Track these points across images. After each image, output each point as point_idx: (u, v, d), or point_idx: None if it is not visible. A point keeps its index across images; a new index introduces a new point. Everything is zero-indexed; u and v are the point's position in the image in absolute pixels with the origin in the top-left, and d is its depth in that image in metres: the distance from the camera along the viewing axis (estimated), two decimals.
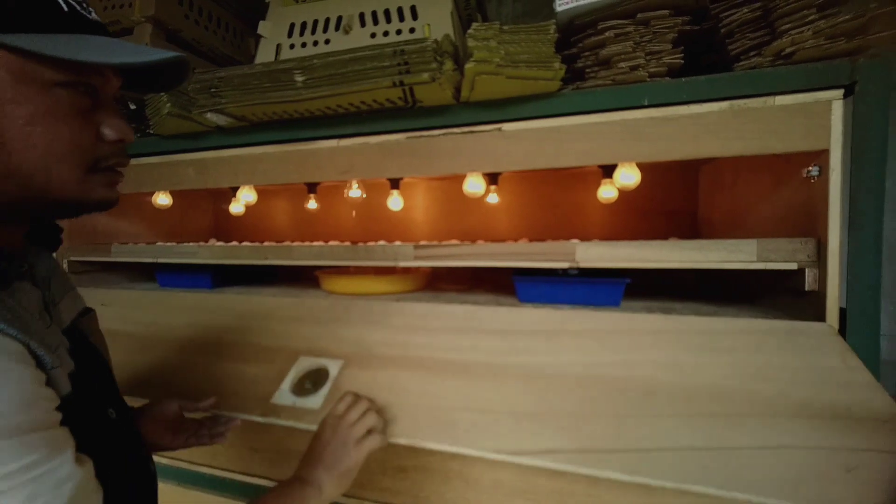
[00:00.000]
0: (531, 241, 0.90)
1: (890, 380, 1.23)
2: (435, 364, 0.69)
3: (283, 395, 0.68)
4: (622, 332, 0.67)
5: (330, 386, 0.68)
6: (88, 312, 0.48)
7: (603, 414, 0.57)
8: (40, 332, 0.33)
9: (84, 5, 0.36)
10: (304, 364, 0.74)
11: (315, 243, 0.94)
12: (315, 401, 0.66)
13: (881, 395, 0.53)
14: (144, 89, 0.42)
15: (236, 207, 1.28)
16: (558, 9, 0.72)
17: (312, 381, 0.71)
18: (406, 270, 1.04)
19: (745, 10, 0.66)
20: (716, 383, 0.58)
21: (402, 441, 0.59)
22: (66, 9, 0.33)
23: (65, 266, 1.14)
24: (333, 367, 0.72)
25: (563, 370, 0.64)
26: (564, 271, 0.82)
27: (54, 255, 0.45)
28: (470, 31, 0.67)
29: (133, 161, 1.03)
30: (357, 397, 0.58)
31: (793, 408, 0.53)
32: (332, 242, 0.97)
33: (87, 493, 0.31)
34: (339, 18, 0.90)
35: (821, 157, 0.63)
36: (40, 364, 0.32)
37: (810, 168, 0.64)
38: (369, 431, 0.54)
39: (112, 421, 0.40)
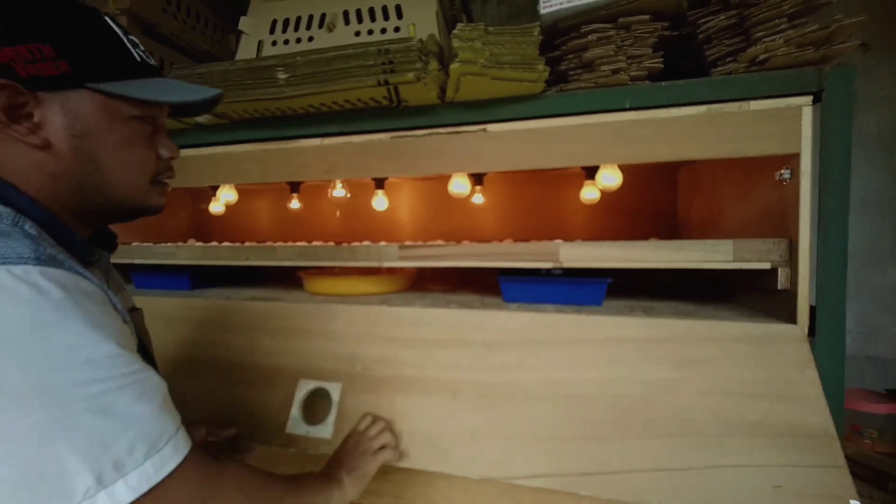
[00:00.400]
0: (516, 241, 0.91)
1: (853, 373, 1.30)
2: (426, 385, 0.72)
3: (296, 423, 0.72)
4: (602, 341, 0.69)
5: (336, 413, 0.72)
6: (137, 310, 0.58)
7: (580, 437, 0.64)
8: (116, 298, 0.43)
9: (145, 51, 0.46)
10: (306, 388, 0.75)
11: (298, 243, 0.92)
12: (326, 430, 0.71)
13: (821, 411, 0.59)
14: (184, 115, 0.53)
15: (216, 207, 1.25)
16: (542, 11, 0.73)
17: (317, 406, 0.74)
18: (391, 271, 1.03)
19: (722, 18, 0.68)
20: (682, 401, 0.63)
21: (404, 465, 0.67)
22: (138, 59, 0.44)
23: None
24: (334, 392, 0.74)
25: (546, 389, 0.68)
26: (548, 271, 0.83)
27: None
28: (455, 31, 0.67)
29: None
30: (375, 418, 0.68)
31: (746, 427, 0.59)
32: (315, 243, 0.96)
33: (171, 402, 0.39)
34: (323, 16, 0.89)
35: (792, 160, 0.65)
36: (119, 314, 0.41)
37: (782, 171, 0.67)
38: (384, 447, 0.64)
39: None
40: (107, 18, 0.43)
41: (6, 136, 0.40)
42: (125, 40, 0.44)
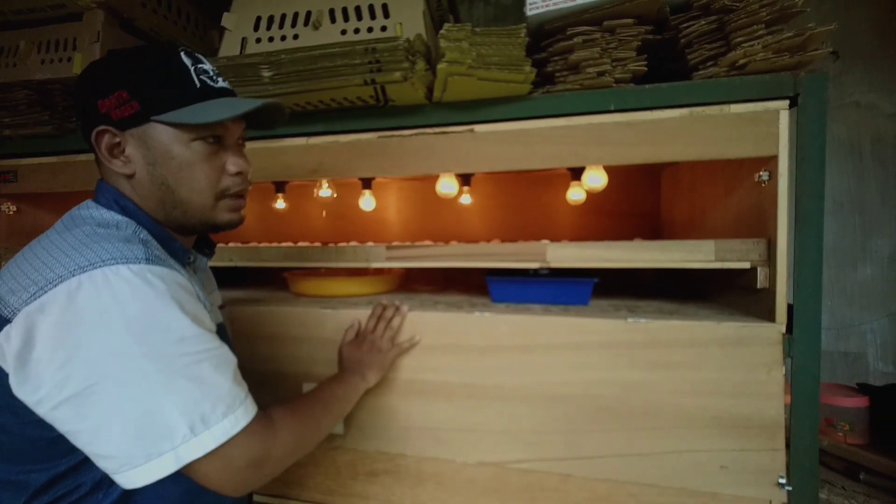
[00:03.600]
0: (503, 241, 0.91)
1: (826, 368, 1.34)
2: (424, 387, 0.76)
3: None
4: (585, 346, 0.71)
5: None
6: (223, 307, 0.69)
7: (561, 430, 0.70)
8: (202, 291, 0.52)
9: (213, 76, 0.51)
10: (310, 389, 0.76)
11: (284, 244, 0.90)
12: (338, 427, 0.77)
13: (777, 406, 0.64)
14: (263, 128, 0.58)
15: None
16: (529, 13, 0.74)
17: None
18: (378, 271, 1.02)
19: (703, 23, 0.69)
20: (654, 400, 0.68)
21: (412, 453, 0.75)
22: (198, 85, 0.49)
23: None
24: None
25: (531, 391, 0.72)
26: (536, 271, 0.84)
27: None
28: (442, 31, 0.67)
29: (86, 157, 0.97)
30: (380, 317, 0.75)
31: (707, 420, 0.66)
32: (301, 243, 0.94)
33: (240, 374, 0.48)
34: (309, 13, 0.87)
35: (770, 162, 0.67)
36: (202, 303, 0.49)
37: (761, 173, 0.69)
38: (392, 340, 0.74)
39: None
40: (181, 53, 0.50)
41: (109, 169, 0.50)
42: (192, 70, 0.49)
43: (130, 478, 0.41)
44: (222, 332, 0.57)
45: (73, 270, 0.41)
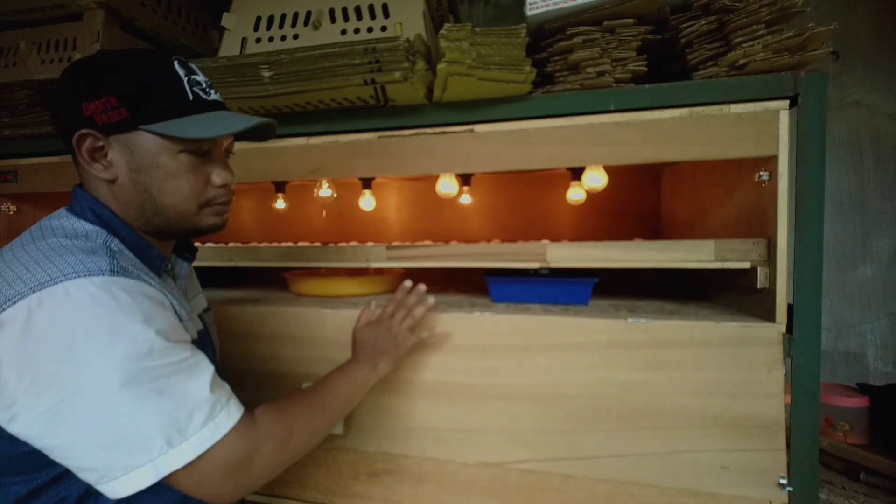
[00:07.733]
0: (503, 241, 0.91)
1: (826, 368, 1.34)
2: (424, 387, 0.76)
3: None
4: (585, 345, 0.71)
5: None
6: (209, 310, 0.68)
7: (561, 430, 0.71)
8: (178, 300, 0.52)
9: (205, 88, 0.51)
10: None
11: (283, 244, 0.90)
12: (338, 427, 0.77)
13: (777, 406, 0.64)
14: (251, 139, 0.58)
15: None
16: (528, 13, 0.74)
17: None
18: (379, 271, 1.02)
19: (703, 23, 0.69)
20: (654, 400, 0.68)
21: (413, 453, 0.75)
22: (191, 97, 0.49)
23: None
24: None
25: (531, 391, 0.72)
26: (535, 271, 0.84)
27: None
28: (442, 31, 0.67)
29: None
30: (400, 302, 0.71)
31: (707, 420, 0.66)
32: (301, 243, 0.94)
33: (219, 378, 0.47)
34: (309, 13, 0.87)
35: (770, 162, 0.67)
36: (176, 313, 0.49)
37: (761, 173, 0.69)
38: (411, 330, 0.71)
39: None
40: (174, 62, 0.49)
41: (89, 173, 0.50)
42: (185, 81, 0.49)
43: (113, 488, 0.40)
44: (203, 339, 0.57)
45: (34, 286, 0.40)
